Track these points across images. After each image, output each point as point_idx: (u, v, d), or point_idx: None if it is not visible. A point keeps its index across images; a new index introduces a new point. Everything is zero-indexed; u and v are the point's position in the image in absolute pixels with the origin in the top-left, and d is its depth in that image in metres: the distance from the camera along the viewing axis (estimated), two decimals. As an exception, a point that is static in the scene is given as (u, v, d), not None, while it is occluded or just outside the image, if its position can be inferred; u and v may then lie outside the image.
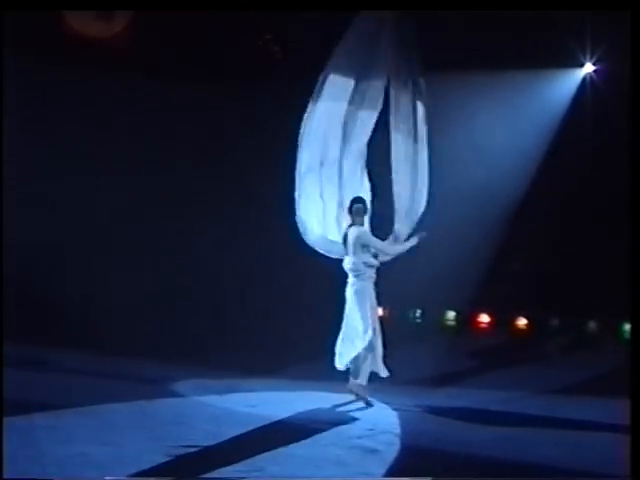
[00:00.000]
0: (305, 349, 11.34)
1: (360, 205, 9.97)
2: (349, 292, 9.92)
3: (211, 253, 14.23)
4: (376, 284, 9.93)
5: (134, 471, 6.88)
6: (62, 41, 13.41)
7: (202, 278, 14.16)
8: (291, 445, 7.97)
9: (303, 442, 8.12)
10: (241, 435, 8.26)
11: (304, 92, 13.46)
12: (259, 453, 7.61)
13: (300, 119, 10.21)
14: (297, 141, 10.11)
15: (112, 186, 14.21)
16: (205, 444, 7.84)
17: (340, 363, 9.86)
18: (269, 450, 7.73)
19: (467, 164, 13.79)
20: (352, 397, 9.78)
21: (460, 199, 13.84)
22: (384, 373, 9.88)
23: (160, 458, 7.28)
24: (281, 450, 7.77)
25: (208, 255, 14.25)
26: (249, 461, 7.34)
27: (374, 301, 9.97)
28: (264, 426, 8.70)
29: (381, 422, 9.07)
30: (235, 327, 12.91)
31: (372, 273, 9.92)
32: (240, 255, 14.26)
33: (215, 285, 14.13)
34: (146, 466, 7.01)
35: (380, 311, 14.35)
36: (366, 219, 10.05)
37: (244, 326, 12.90)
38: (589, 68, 13.59)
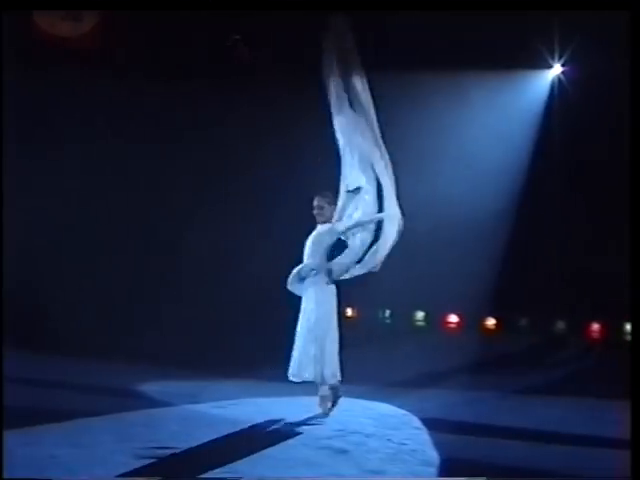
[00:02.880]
0: (275, 350, 11.34)
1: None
2: None
3: (182, 253, 14.19)
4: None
5: (103, 473, 6.86)
6: (33, 42, 13.31)
7: (175, 279, 14.10)
8: (260, 445, 7.95)
9: (273, 442, 8.11)
10: (210, 436, 8.24)
11: (274, 92, 13.55)
12: (228, 454, 7.60)
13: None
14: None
15: (87, 187, 14.13)
16: (174, 445, 7.81)
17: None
18: (238, 451, 7.72)
19: (436, 167, 13.81)
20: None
21: (429, 201, 13.87)
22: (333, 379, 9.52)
23: (129, 460, 7.25)
24: (250, 450, 7.75)
25: (179, 255, 14.21)
26: (218, 461, 7.32)
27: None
28: (233, 427, 8.68)
29: (351, 423, 9.07)
30: (204, 329, 12.88)
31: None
32: (213, 255, 14.22)
33: (187, 286, 14.06)
34: (115, 467, 6.98)
35: (349, 311, 14.47)
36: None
37: (213, 328, 12.86)
38: (557, 70, 13.64)
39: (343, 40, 9.93)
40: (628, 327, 13.39)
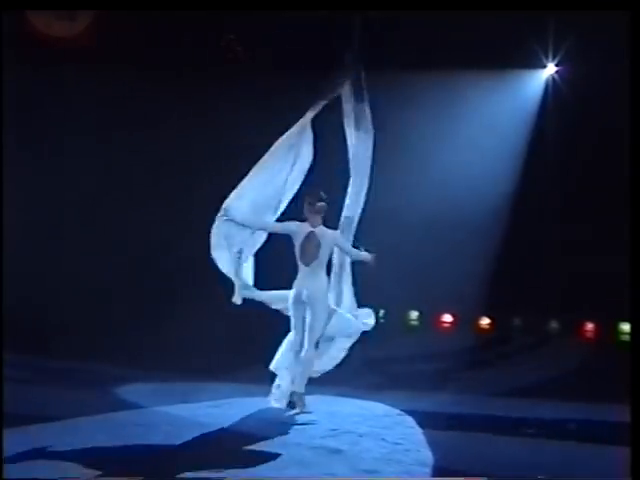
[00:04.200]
0: (268, 351, 11.32)
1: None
2: None
3: (175, 256, 14.16)
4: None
5: (95, 471, 6.84)
6: (29, 42, 13.31)
7: (170, 281, 14.07)
8: (254, 445, 7.94)
9: (266, 442, 8.08)
10: (203, 436, 8.22)
11: (267, 92, 13.54)
12: (221, 453, 7.59)
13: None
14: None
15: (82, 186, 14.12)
16: (166, 444, 7.80)
17: None
18: (232, 451, 7.71)
19: (430, 166, 13.81)
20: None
21: (423, 200, 13.87)
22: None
23: (122, 459, 7.24)
24: (244, 450, 7.74)
25: (172, 258, 14.18)
26: (210, 461, 7.31)
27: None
28: (227, 427, 8.67)
29: (344, 422, 9.05)
30: (196, 329, 12.85)
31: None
32: (206, 256, 14.17)
33: (181, 287, 14.03)
34: (108, 467, 6.96)
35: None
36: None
37: (206, 328, 12.84)
38: (552, 69, 13.66)
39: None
40: (622, 326, 13.43)
